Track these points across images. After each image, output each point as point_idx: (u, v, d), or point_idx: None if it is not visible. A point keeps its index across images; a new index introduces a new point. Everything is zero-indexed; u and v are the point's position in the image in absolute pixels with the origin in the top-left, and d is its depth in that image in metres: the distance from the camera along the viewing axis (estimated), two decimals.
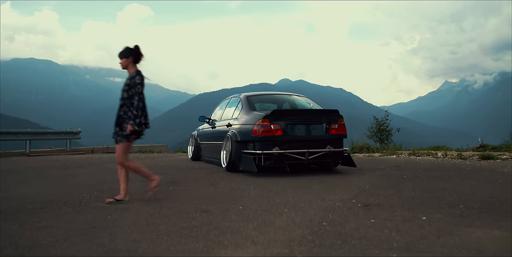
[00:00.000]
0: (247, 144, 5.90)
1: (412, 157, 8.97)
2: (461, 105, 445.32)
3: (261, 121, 5.63)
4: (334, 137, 6.03)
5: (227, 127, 6.62)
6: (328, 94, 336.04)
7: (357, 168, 6.44)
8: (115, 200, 3.88)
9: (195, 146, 8.81)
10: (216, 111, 8.13)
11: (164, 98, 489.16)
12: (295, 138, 5.81)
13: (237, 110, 6.74)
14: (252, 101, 6.65)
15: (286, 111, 6.42)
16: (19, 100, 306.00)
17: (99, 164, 8.29)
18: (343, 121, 6.18)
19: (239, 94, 7.17)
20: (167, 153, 12.73)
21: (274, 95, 7.52)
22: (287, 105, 7.20)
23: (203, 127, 8.47)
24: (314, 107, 6.92)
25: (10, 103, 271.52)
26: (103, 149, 14.70)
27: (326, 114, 6.12)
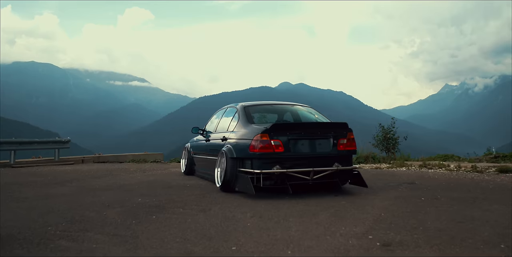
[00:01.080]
0: (244, 162, 5.28)
1: (424, 170, 8.30)
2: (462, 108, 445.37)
3: (259, 136, 5.02)
4: (343, 153, 5.41)
5: (222, 141, 5.99)
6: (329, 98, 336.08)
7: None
8: None
9: (188, 159, 8.15)
10: (211, 122, 7.45)
11: (165, 101, 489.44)
12: (298, 155, 5.19)
13: (233, 122, 6.10)
14: (250, 112, 6.02)
15: (288, 124, 5.75)
16: (20, 103, 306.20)
17: (83, 179, 7.59)
18: (352, 136, 5.55)
19: (235, 104, 6.52)
20: (160, 164, 12.02)
21: (275, 105, 6.83)
22: (289, 116, 6.60)
23: (198, 139, 7.80)
24: (319, 119, 6.30)
25: (11, 106, 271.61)
26: (94, 158, 14.05)
27: (334, 127, 5.50)
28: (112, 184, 6.58)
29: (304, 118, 6.38)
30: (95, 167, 11.11)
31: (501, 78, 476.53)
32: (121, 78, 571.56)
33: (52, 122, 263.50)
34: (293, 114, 6.58)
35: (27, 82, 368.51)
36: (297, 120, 6.38)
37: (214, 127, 7.00)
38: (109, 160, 14.22)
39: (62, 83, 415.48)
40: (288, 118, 6.55)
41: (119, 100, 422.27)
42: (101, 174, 8.57)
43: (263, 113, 6.80)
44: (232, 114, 6.32)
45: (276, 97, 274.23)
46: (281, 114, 6.66)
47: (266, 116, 6.81)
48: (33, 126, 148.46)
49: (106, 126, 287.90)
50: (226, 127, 6.32)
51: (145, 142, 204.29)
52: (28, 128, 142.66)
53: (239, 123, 5.84)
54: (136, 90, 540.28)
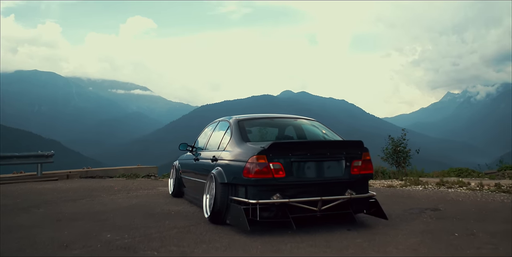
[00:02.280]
0: (237, 189, 4.37)
1: (443, 190, 7.38)
2: (464, 117, 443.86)
3: (255, 158, 4.11)
4: (357, 178, 4.47)
5: (212, 162, 5.06)
6: (330, 106, 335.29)
7: None
8: None
9: (176, 179, 7.11)
10: (201, 137, 6.48)
11: (167, 110, 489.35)
12: (304, 181, 4.28)
13: (225, 138, 5.17)
14: (245, 128, 5.08)
15: (290, 143, 4.70)
16: (22, 112, 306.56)
17: (55, 203, 6.61)
18: (368, 156, 4.61)
19: (228, 117, 5.56)
20: (150, 181, 10.95)
21: (275, 119, 5.82)
22: (292, 132, 5.61)
23: (187, 156, 6.77)
24: (328, 136, 5.31)
25: (13, 114, 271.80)
26: (81, 173, 13.11)
27: (346, 146, 4.60)
28: (85, 211, 5.66)
29: (310, 135, 5.45)
30: (78, 184, 10.27)
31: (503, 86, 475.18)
32: (124, 86, 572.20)
33: (55, 131, 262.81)
34: (296, 129, 5.60)
35: (30, 91, 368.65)
36: (302, 137, 5.41)
37: (204, 143, 6.05)
38: (98, 174, 13.32)
39: (64, 92, 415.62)
40: (291, 134, 5.58)
41: (122, 108, 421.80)
42: (79, 195, 7.69)
43: (260, 128, 5.81)
44: (224, 129, 5.38)
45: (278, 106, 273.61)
46: (282, 129, 5.69)
47: (264, 132, 5.81)
48: (35, 135, 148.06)
49: (108, 135, 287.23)
50: (217, 144, 5.39)
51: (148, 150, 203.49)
52: (31, 136, 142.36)
53: (231, 141, 4.91)
54: (138, 98, 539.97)
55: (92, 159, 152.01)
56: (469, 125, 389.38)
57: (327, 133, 5.42)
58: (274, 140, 4.95)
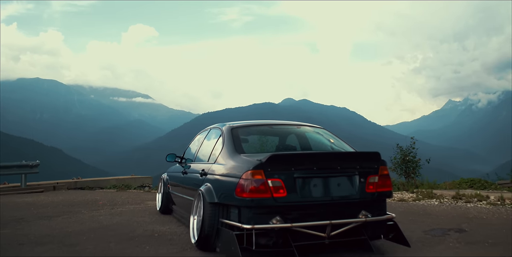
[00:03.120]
0: (229, 210, 3.63)
1: (462, 205, 6.65)
2: (466, 124, 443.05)
3: (250, 174, 3.37)
4: (373, 197, 3.70)
5: (201, 176, 4.30)
6: (332, 114, 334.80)
7: None
8: None
9: (164, 194, 6.30)
10: (191, 147, 5.68)
11: (168, 117, 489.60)
12: (309, 202, 3.52)
13: (216, 149, 4.38)
14: (239, 137, 4.28)
15: (293, 155, 3.82)
16: (24, 119, 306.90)
17: (27, 221, 5.84)
18: (386, 171, 3.82)
19: (221, 125, 4.73)
20: (140, 194, 10.12)
21: (274, 127, 4.97)
22: (294, 141, 4.83)
23: (175, 169, 5.93)
24: (337, 147, 4.48)
25: (15, 122, 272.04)
26: (69, 184, 12.41)
27: (360, 159, 3.81)
28: (57, 232, 4.93)
29: (316, 145, 4.64)
30: (62, 197, 9.55)
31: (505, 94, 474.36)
32: (125, 94, 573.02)
33: (56, 138, 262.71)
34: (300, 138, 4.79)
35: (32, 99, 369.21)
36: (306, 147, 4.60)
37: (194, 154, 5.26)
38: (88, 185, 12.62)
39: (66, 99, 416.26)
40: (293, 144, 4.78)
41: (123, 116, 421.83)
42: (58, 210, 6.99)
43: (258, 137, 5.10)
44: (216, 138, 4.60)
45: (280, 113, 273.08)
46: (283, 139, 4.88)
47: (262, 142, 5.10)
48: (37, 142, 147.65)
49: (110, 142, 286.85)
50: (207, 156, 4.61)
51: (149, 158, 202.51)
52: (32, 144, 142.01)
53: (223, 152, 4.12)
54: (140, 106, 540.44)
55: (93, 167, 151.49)
56: (471, 132, 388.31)
57: (336, 142, 4.60)
58: (273, 152, 4.22)
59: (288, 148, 4.68)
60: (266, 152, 4.01)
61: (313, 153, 4.15)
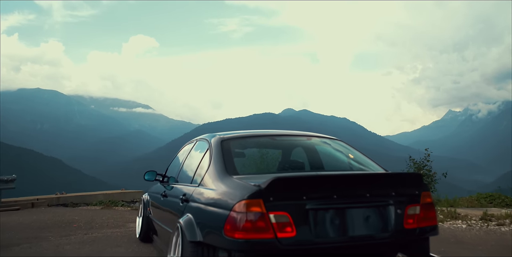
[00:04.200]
0: (215, 253, 2.65)
1: (494, 228, 5.81)
2: (466, 135, 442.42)
3: (244, 205, 2.40)
4: (414, 234, 2.71)
5: (181, 203, 3.26)
6: (332, 124, 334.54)
7: None
8: None
9: (144, 218, 5.15)
10: (174, 162, 4.54)
11: (169, 128, 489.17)
12: (328, 244, 2.53)
13: (202, 168, 3.30)
14: (231, 152, 3.24)
15: (304, 178, 2.72)
16: (24, 130, 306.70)
17: None
18: (429, 198, 2.81)
19: (210, 136, 3.64)
20: (126, 212, 9.30)
21: (277, 138, 3.87)
22: (302, 156, 3.74)
23: (157, 189, 4.69)
24: (360, 165, 3.45)
25: (15, 132, 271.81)
26: (51, 200, 11.64)
27: (396, 182, 2.79)
28: None
29: (331, 163, 3.64)
30: (36, 217, 8.60)
31: (505, 104, 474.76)
32: (125, 104, 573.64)
33: (56, 148, 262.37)
34: (309, 153, 3.74)
35: (32, 109, 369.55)
36: (317, 165, 3.54)
37: (177, 172, 4.10)
38: (72, 201, 11.70)
39: (66, 110, 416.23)
40: (301, 161, 3.67)
41: (124, 126, 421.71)
42: (21, 236, 6.04)
43: (255, 151, 4.00)
44: (202, 153, 3.49)
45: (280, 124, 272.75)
46: (287, 153, 3.81)
47: (261, 158, 4.03)
48: (36, 153, 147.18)
49: (110, 152, 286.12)
50: (190, 175, 3.52)
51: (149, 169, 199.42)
52: (32, 154, 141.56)
53: (210, 172, 3.07)
54: (140, 116, 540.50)
55: (92, 177, 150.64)
56: (472, 143, 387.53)
57: (358, 159, 3.51)
58: (276, 172, 3.29)
59: (294, 167, 3.55)
60: (267, 173, 3.13)
61: (333, 175, 2.91)
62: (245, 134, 3.72)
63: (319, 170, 3.45)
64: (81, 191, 13.97)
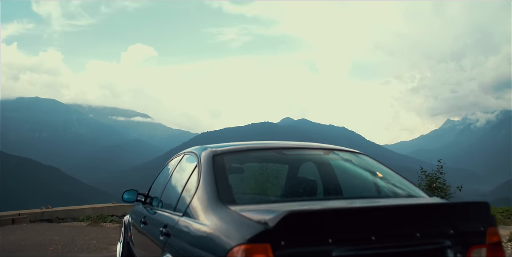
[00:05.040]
0: None
1: None
2: (465, 144, 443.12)
3: (244, 252, 1.66)
4: None
5: (161, 237, 2.58)
6: (331, 133, 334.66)
7: None
8: None
9: (125, 244, 4.25)
10: (159, 180, 3.74)
11: (167, 136, 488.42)
12: None
13: (188, 191, 2.56)
14: (226, 170, 2.47)
15: (326, 212, 1.81)
16: (23, 138, 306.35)
17: None
18: (496, 236, 2.06)
19: (199, 149, 2.81)
20: (113, 230, 8.62)
21: (283, 151, 3.01)
22: (315, 175, 2.86)
23: (139, 211, 3.84)
24: (396, 189, 2.63)
25: (14, 141, 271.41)
26: (34, 215, 10.87)
27: (454, 214, 1.97)
28: None
29: (353, 186, 2.81)
30: (13, 237, 7.81)
31: (503, 113, 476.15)
32: (124, 113, 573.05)
33: (55, 157, 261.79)
34: (323, 172, 2.87)
35: (31, 118, 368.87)
36: (335, 189, 2.69)
37: (160, 192, 3.32)
38: (58, 216, 10.94)
39: (65, 119, 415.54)
40: (314, 180, 2.78)
41: (122, 135, 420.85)
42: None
43: (257, 167, 2.97)
44: (190, 172, 2.72)
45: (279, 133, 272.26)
46: (294, 169, 2.99)
47: (264, 179, 2.89)
48: (35, 161, 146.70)
49: (108, 161, 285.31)
50: (174, 199, 2.77)
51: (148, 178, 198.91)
52: (30, 163, 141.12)
53: (198, 197, 2.31)
54: (138, 125, 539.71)
55: (90, 186, 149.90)
56: (470, 152, 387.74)
57: (390, 180, 2.72)
58: (284, 199, 2.49)
59: (307, 191, 2.63)
60: (273, 200, 2.43)
61: (370, 207, 1.98)
62: (243, 147, 2.88)
63: (337, 196, 2.59)
64: (78, 199, 13.33)
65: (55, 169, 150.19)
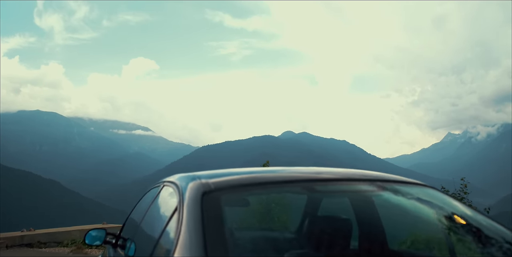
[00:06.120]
0: None
1: None
2: (465, 157, 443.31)
3: None
4: None
5: None
6: (332, 147, 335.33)
7: None
8: None
9: None
10: (133, 217, 2.92)
11: (168, 150, 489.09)
12: None
13: (167, 238, 1.65)
14: (220, 215, 1.55)
15: None
16: (24, 151, 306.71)
17: None
18: None
19: (183, 179, 1.91)
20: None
21: (310, 186, 1.98)
22: (349, 214, 1.99)
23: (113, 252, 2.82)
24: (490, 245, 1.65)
25: (15, 154, 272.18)
26: (12, 239, 9.39)
27: None
28: None
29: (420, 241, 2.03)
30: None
31: (504, 126, 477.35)
32: (125, 127, 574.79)
33: (55, 170, 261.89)
34: (362, 218, 2.00)
35: (31, 131, 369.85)
36: (380, 245, 1.85)
37: (134, 231, 2.53)
38: (40, 240, 9.55)
39: (66, 132, 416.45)
40: (350, 228, 1.87)
41: (123, 148, 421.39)
42: None
43: (268, 204, 2.44)
44: (170, 211, 1.77)
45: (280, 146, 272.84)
46: (311, 209, 2.15)
47: (280, 231, 2.44)
48: (35, 175, 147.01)
49: (109, 174, 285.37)
50: (150, 247, 1.83)
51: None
52: (31, 176, 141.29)
53: (179, 252, 1.39)
54: (139, 138, 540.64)
55: (90, 199, 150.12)
56: (471, 166, 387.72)
57: (477, 228, 1.78)
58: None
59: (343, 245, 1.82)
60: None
61: None
62: (248, 178, 1.91)
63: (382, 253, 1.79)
64: (77, 213, 12.71)
65: (55, 182, 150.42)
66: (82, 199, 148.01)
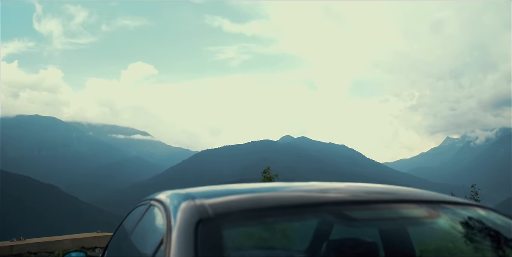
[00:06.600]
0: None
1: None
2: (464, 162, 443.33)
3: None
4: None
5: None
6: (330, 151, 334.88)
7: None
8: None
9: None
10: (118, 236, 2.54)
11: (167, 154, 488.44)
12: None
13: None
14: (219, 250, 1.21)
15: None
16: (22, 156, 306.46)
17: None
18: None
19: (173, 198, 1.57)
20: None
21: (340, 211, 1.49)
22: None
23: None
24: None
25: (13, 158, 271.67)
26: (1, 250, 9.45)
27: None
28: None
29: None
30: None
31: (502, 131, 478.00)
32: (124, 131, 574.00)
33: (54, 175, 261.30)
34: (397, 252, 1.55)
35: (30, 135, 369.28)
36: None
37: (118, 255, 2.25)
38: (30, 250, 8.75)
39: (64, 136, 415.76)
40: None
41: (122, 153, 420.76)
42: None
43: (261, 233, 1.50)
44: (157, 242, 1.38)
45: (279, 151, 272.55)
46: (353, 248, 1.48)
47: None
48: (33, 180, 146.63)
49: (108, 179, 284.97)
50: None
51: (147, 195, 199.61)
52: (29, 181, 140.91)
53: None
54: (138, 143, 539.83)
55: (88, 204, 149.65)
56: (470, 170, 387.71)
57: None
58: None
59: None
60: None
61: None
62: (254, 199, 1.52)
63: None
64: (76, 218, 12.29)
65: (53, 187, 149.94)
66: (81, 204, 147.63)
